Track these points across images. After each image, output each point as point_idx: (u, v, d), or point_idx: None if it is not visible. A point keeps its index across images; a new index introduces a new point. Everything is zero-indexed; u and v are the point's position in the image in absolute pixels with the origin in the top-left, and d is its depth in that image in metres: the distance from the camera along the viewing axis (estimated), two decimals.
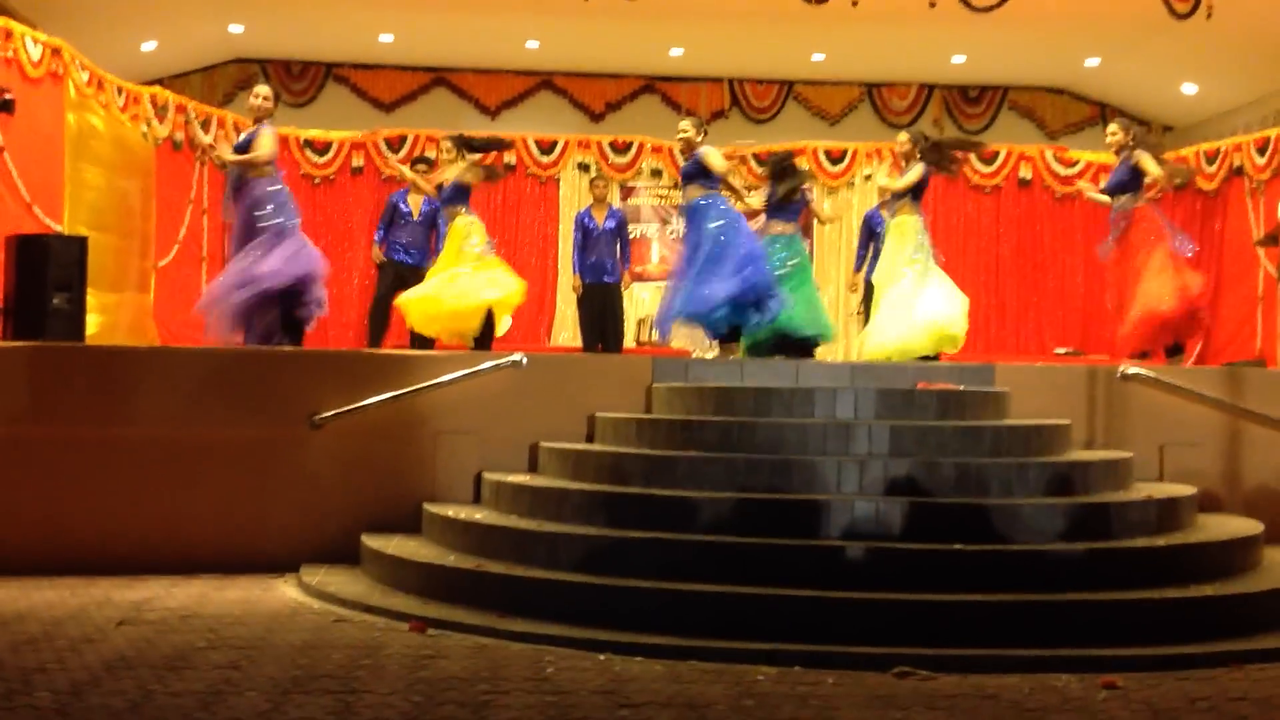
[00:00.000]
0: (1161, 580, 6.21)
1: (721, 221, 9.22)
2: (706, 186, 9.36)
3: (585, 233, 12.22)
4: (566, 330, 14.54)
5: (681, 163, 9.79)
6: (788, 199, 10.06)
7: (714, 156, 9.33)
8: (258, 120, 9.13)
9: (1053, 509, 6.56)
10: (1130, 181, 9.85)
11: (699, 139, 9.45)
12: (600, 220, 12.17)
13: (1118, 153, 10.02)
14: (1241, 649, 5.72)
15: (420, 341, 9.75)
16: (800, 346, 9.74)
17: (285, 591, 6.95)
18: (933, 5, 12.46)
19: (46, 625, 5.99)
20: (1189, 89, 15.85)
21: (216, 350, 8.36)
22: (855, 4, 12.43)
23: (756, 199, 10.33)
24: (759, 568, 6.05)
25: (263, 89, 9.29)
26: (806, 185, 10.45)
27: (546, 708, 4.76)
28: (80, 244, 9.16)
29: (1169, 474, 7.93)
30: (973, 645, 5.60)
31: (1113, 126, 10.21)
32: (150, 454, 7.50)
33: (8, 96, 8.70)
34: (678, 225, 15.05)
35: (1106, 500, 6.89)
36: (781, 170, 10.23)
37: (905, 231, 9.73)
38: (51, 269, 8.75)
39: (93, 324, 9.66)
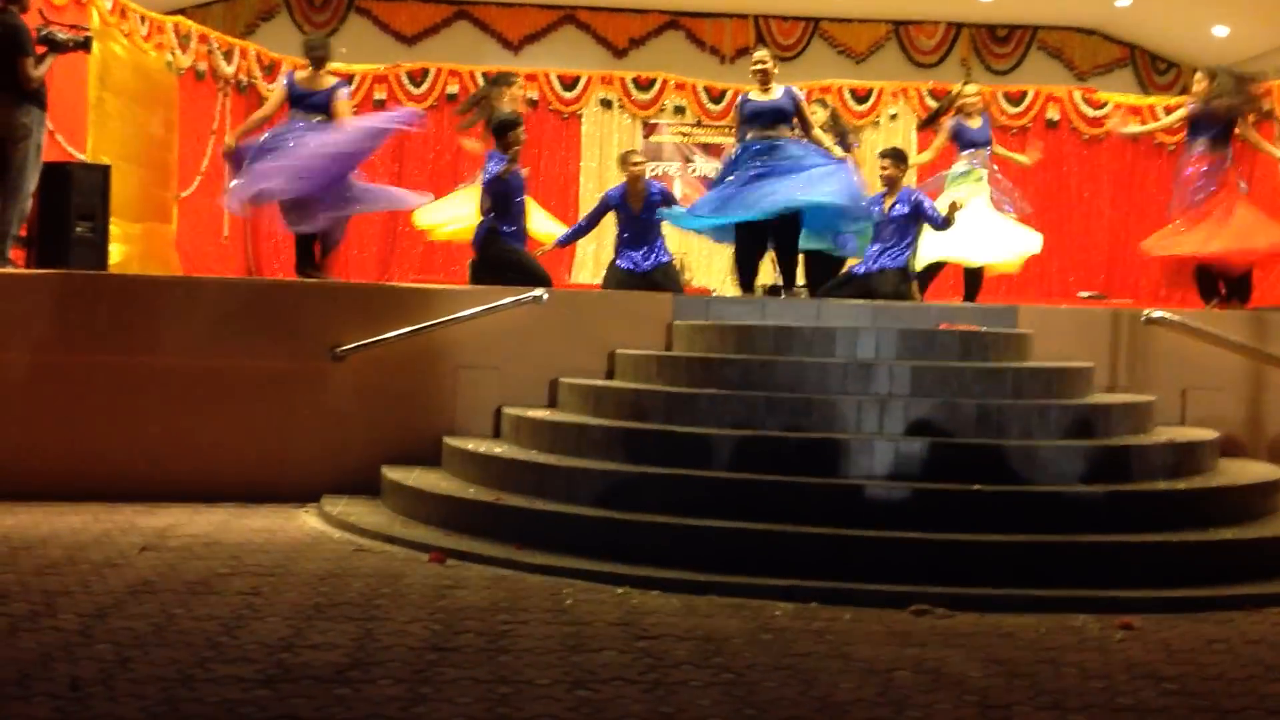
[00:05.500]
0: (1180, 523, 6.21)
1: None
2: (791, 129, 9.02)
3: (621, 218, 10.16)
4: (587, 269, 14.51)
5: (754, 95, 9.04)
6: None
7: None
8: (316, 66, 9.11)
9: (1073, 451, 6.55)
10: (1221, 127, 9.75)
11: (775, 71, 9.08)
12: (638, 208, 9.90)
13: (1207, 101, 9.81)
14: (1259, 592, 5.73)
15: None
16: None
17: (306, 521, 7.01)
18: None
19: (70, 550, 6.06)
20: (1220, 31, 15.63)
21: (239, 281, 8.41)
22: None
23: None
24: (777, 505, 6.06)
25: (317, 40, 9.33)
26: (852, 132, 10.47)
27: (564, 638, 4.80)
28: (103, 172, 9.17)
29: (1191, 419, 7.90)
30: (990, 585, 5.62)
31: (1199, 75, 10.00)
32: (173, 383, 7.53)
33: (87, 35, 8.75)
34: (700, 164, 14.97)
35: (1127, 443, 6.87)
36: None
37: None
38: (75, 197, 8.75)
39: (116, 253, 9.67)
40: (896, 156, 9.72)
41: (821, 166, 8.83)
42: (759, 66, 9.00)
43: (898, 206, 9.44)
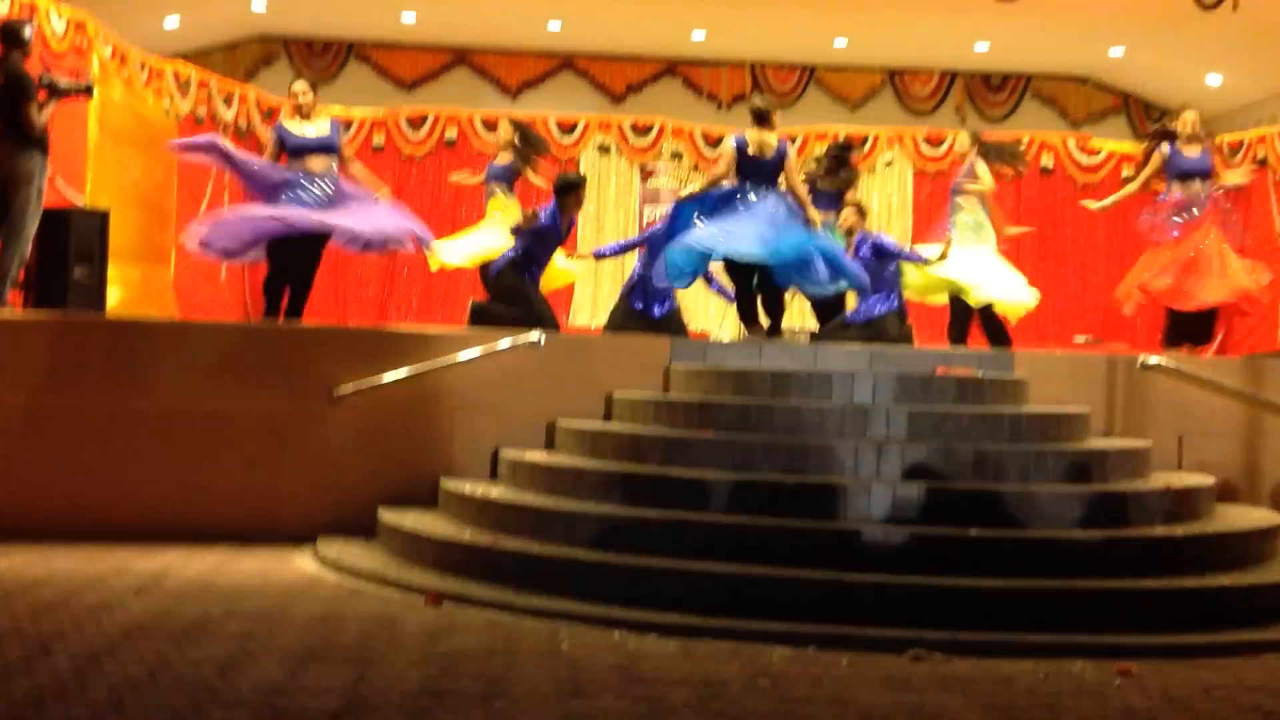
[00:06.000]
0: (1178, 569, 6.20)
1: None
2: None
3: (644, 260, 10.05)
4: (585, 311, 14.54)
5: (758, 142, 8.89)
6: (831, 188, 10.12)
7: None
8: (302, 114, 8.96)
9: (1070, 496, 6.55)
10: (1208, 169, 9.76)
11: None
12: None
13: (1192, 140, 9.80)
14: (1257, 639, 5.72)
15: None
16: None
17: (302, 563, 6.98)
18: None
19: (65, 592, 6.03)
20: (1214, 80, 15.74)
21: (236, 325, 8.40)
22: None
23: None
24: (774, 549, 6.05)
25: (301, 85, 9.12)
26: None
27: (560, 683, 4.78)
28: (102, 217, 9.21)
29: (1188, 464, 7.90)
30: (988, 630, 5.61)
31: (1191, 114, 9.97)
32: (169, 425, 7.53)
33: (89, 81, 8.82)
34: None
35: (1124, 488, 6.87)
36: (836, 161, 10.30)
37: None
38: (73, 241, 8.80)
39: (113, 296, 9.70)
40: (858, 209, 9.92)
41: (794, 227, 8.83)
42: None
43: (861, 251, 9.54)
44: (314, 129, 8.84)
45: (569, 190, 9.53)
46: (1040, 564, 6.07)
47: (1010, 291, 10.18)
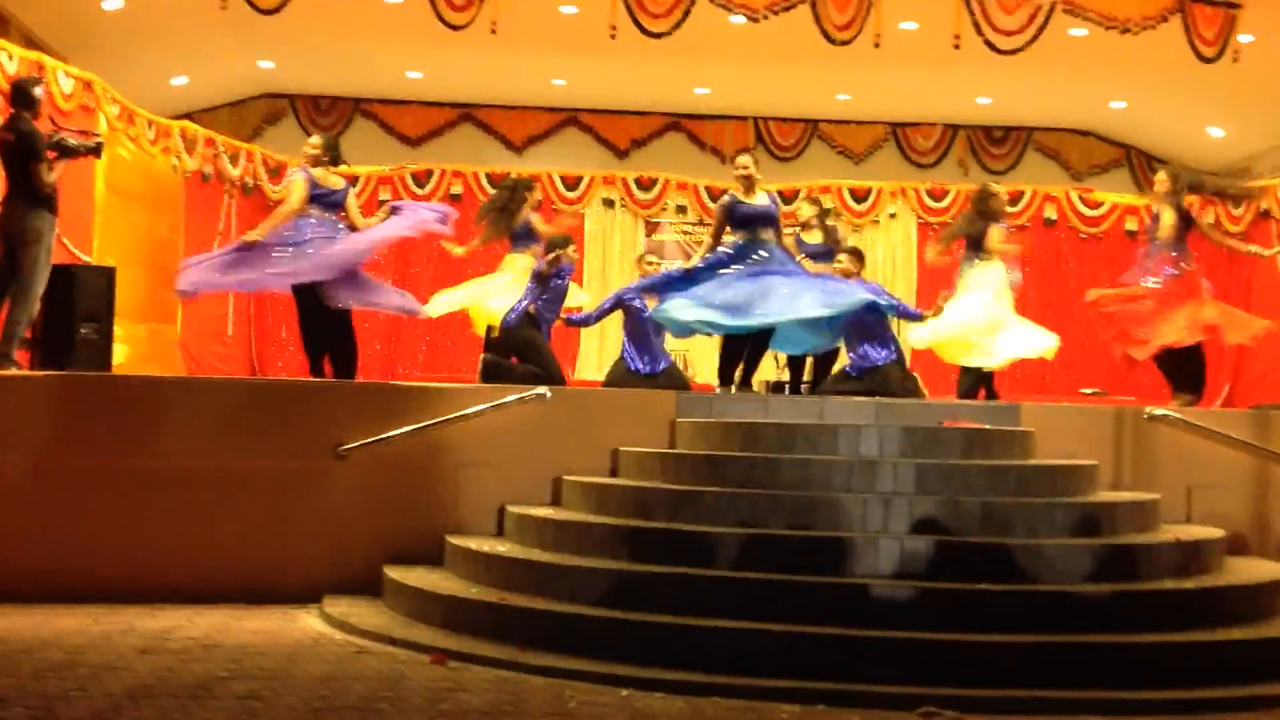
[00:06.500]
0: (1188, 623, 6.16)
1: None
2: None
3: (629, 319, 10.23)
4: (591, 365, 14.54)
5: (742, 198, 8.99)
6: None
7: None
8: (315, 163, 9.04)
9: (1079, 549, 6.52)
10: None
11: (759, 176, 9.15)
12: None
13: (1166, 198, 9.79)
14: (1269, 693, 5.66)
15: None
16: None
17: (307, 622, 6.94)
18: (957, 47, 12.48)
19: (70, 653, 6.00)
20: (1215, 132, 15.83)
21: (240, 381, 8.40)
22: (878, 45, 12.43)
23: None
24: (782, 605, 6.01)
25: (315, 141, 9.26)
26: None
27: None
28: (109, 275, 9.24)
29: (1196, 516, 7.87)
30: (999, 686, 5.56)
31: (1160, 175, 9.99)
32: (175, 484, 7.51)
33: (98, 140, 8.90)
34: None
35: (1133, 541, 6.84)
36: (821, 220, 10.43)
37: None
38: (80, 299, 8.83)
39: (120, 354, 9.72)
40: (854, 254, 9.97)
41: (804, 280, 8.89)
42: (744, 172, 9.03)
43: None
44: (336, 182, 9.05)
45: (554, 248, 9.60)
46: (1050, 618, 6.03)
47: (1027, 345, 10.12)
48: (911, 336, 10.28)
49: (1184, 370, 9.42)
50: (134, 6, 12.21)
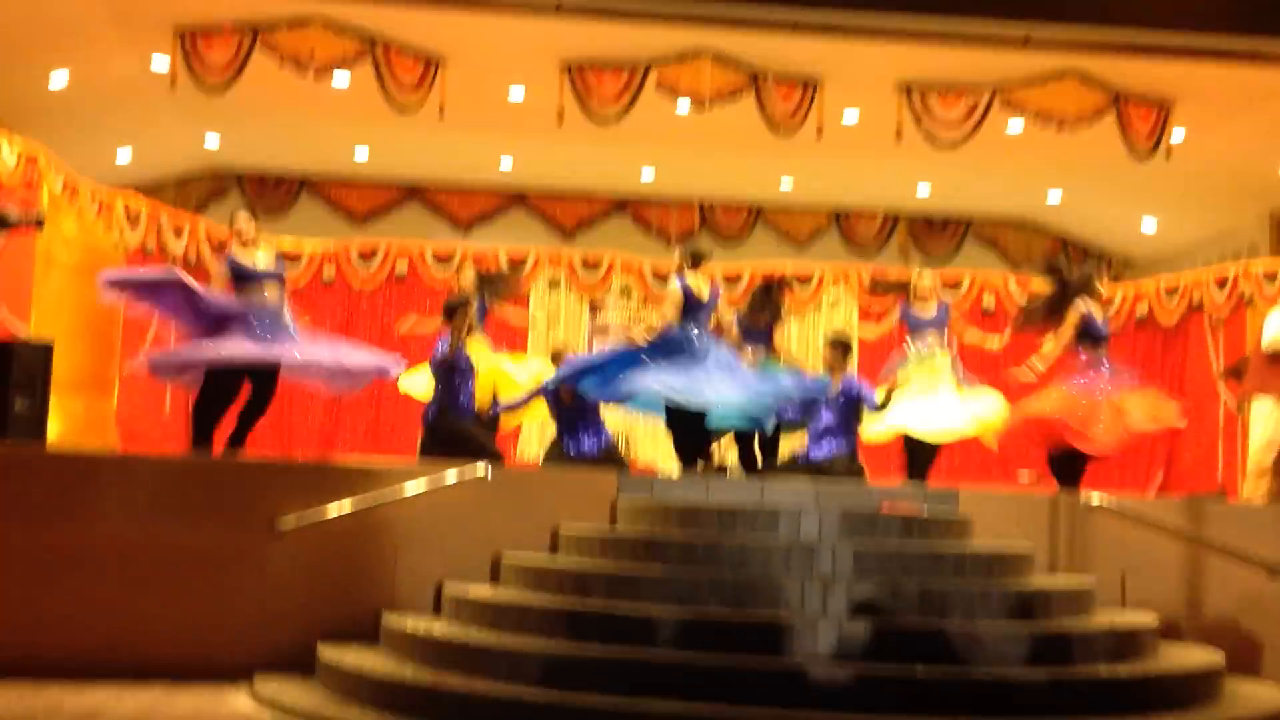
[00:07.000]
0: (1124, 708, 6.19)
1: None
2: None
3: (553, 407, 10.35)
4: (533, 444, 14.51)
5: (691, 285, 9.01)
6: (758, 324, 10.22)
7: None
8: (243, 243, 8.92)
9: (1015, 634, 6.55)
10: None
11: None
12: (568, 400, 10.03)
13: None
14: None
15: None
16: None
17: (238, 702, 6.82)
18: (899, 139, 12.74)
19: None
20: (1149, 224, 16.18)
21: (178, 458, 8.32)
22: (820, 134, 12.68)
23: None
24: (721, 686, 5.99)
25: (243, 215, 9.13)
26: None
27: None
28: (46, 350, 9.13)
29: (1131, 600, 7.93)
30: None
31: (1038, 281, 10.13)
32: (108, 558, 7.40)
33: (39, 214, 8.88)
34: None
35: (1068, 627, 6.88)
36: (762, 299, 10.43)
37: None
38: (16, 373, 8.71)
39: (55, 428, 9.59)
40: (843, 348, 10.05)
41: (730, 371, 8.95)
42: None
43: (841, 397, 9.71)
44: (263, 258, 8.84)
45: (453, 312, 9.59)
46: (986, 703, 6.03)
47: (975, 417, 10.21)
48: (875, 426, 10.28)
49: (1070, 467, 9.46)
50: (79, 82, 12.22)
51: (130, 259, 12.77)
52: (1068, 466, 9.40)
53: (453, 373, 9.51)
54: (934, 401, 10.16)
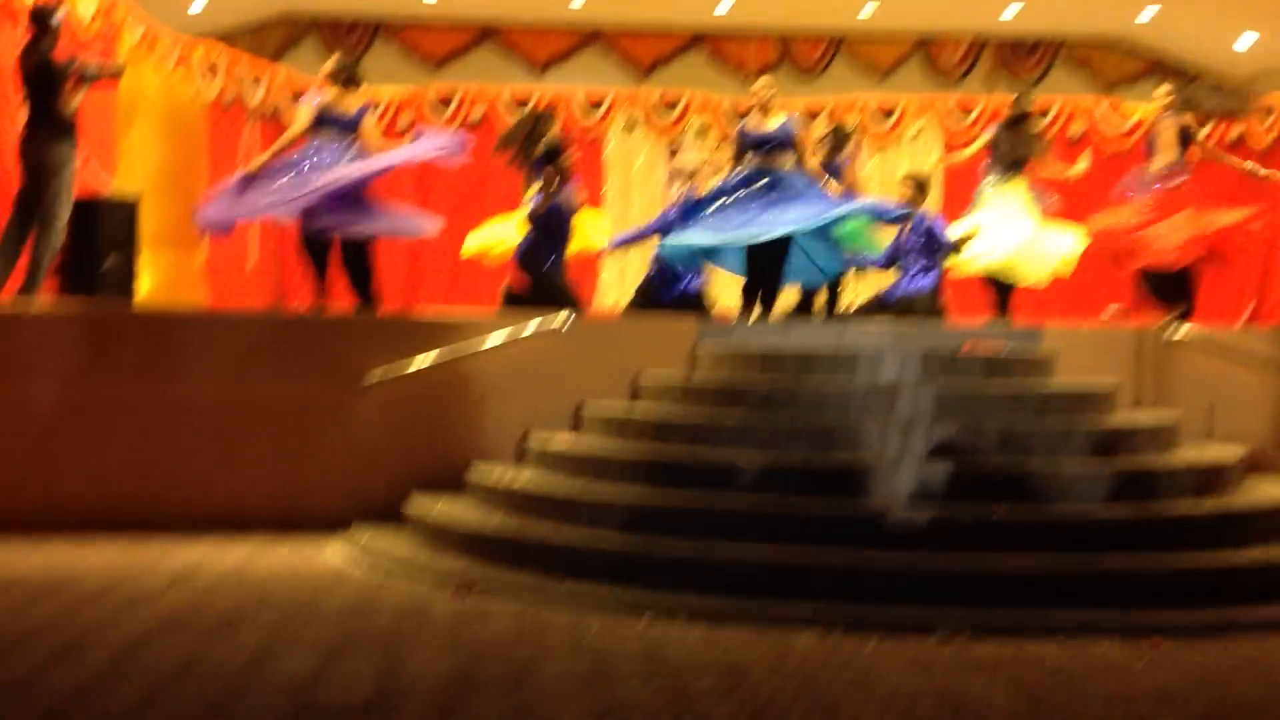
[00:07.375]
0: (1206, 544, 6.19)
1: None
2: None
3: None
4: (612, 293, 14.54)
5: (753, 123, 8.95)
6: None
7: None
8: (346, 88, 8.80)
9: (1096, 473, 6.53)
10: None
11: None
12: None
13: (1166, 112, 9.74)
14: None
15: None
16: None
17: (333, 553, 7.04)
18: None
19: (100, 586, 6.11)
20: (1249, 38, 15.54)
21: (266, 314, 8.45)
22: None
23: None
24: (801, 531, 6.07)
25: (328, 64, 9.04)
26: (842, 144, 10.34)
27: (588, 670, 4.82)
28: (132, 206, 9.26)
29: (1219, 434, 7.85)
30: (1015, 609, 5.61)
31: (1161, 89, 9.90)
32: (201, 415, 7.60)
33: (118, 65, 8.90)
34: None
35: (1152, 463, 6.84)
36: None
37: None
38: (104, 230, 8.86)
39: (144, 284, 9.77)
40: (919, 186, 9.84)
41: (820, 197, 8.78)
42: (757, 100, 8.95)
43: (916, 231, 9.55)
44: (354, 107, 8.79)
45: (553, 157, 9.36)
46: (1067, 541, 6.07)
47: (1052, 254, 10.07)
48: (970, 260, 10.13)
49: (1172, 286, 9.35)
50: None
51: (210, 112, 12.81)
52: (1166, 286, 9.31)
53: (557, 221, 9.38)
54: (1014, 235, 9.95)
